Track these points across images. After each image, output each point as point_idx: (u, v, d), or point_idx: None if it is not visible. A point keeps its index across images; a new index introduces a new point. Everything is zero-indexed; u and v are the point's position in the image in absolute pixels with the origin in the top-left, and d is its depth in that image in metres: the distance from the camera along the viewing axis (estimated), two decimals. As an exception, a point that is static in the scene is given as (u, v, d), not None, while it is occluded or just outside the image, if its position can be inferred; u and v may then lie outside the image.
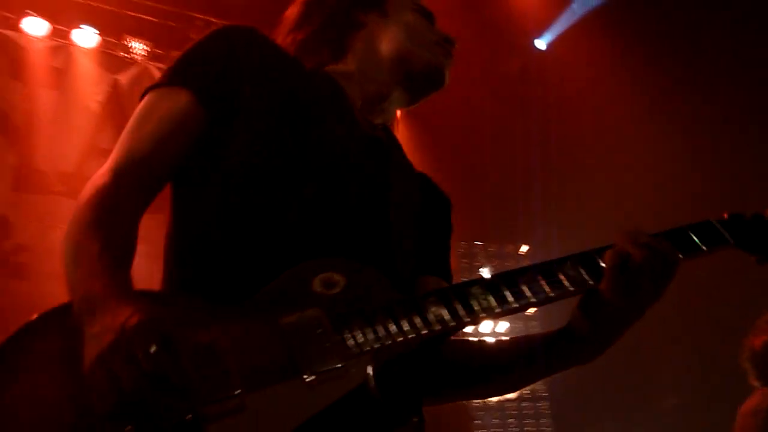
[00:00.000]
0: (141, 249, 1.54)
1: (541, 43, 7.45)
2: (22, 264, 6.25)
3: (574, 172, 7.19)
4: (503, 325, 8.22)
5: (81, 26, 6.73)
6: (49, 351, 1.36)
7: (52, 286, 5.97)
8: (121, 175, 1.51)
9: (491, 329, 7.92)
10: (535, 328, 8.17)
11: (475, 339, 1.85)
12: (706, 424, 5.96)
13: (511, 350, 1.81)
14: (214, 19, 6.84)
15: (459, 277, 6.67)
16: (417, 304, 1.50)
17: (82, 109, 6.89)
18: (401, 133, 6.85)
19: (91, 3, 6.68)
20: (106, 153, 5.58)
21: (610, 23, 7.06)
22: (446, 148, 7.81)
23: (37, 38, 6.62)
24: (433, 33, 1.93)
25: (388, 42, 1.89)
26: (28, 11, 6.43)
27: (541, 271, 1.57)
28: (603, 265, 1.56)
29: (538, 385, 8.11)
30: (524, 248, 8.10)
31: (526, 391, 7.94)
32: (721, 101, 6.69)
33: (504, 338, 1.99)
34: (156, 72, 7.06)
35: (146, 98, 1.64)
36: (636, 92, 6.80)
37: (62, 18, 6.68)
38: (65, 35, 6.75)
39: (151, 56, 7.18)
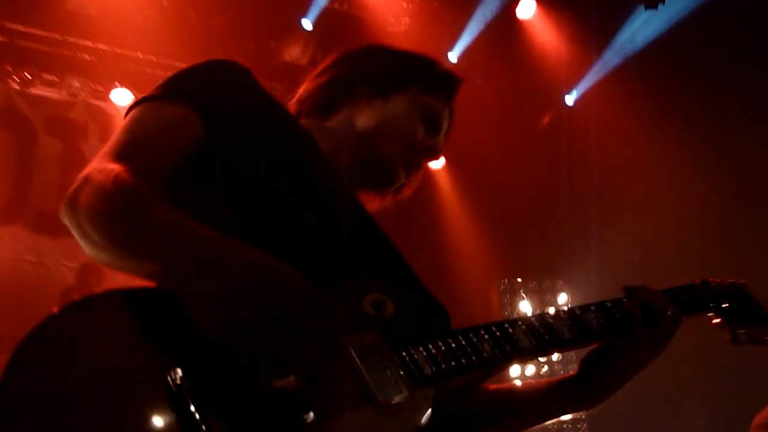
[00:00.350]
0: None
1: (570, 99, 7.56)
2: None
3: (604, 214, 7.18)
4: (531, 369, 8.17)
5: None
6: (112, 326, 1.22)
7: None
8: (131, 162, 1.42)
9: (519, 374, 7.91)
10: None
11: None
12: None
13: (522, 395, 1.84)
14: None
15: (501, 312, 6.96)
16: (473, 338, 1.47)
17: None
18: (447, 179, 7.27)
19: (167, 72, 7.15)
20: None
21: (632, 79, 6.96)
22: (488, 193, 8.03)
23: (122, 107, 6.78)
24: (415, 139, 1.88)
25: (365, 121, 1.87)
26: (115, 83, 6.87)
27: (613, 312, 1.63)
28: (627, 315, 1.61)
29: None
30: (560, 282, 8.13)
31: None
32: (741, 148, 6.64)
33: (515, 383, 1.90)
34: None
35: (140, 107, 1.58)
36: (659, 141, 6.76)
37: (144, 89, 7.16)
38: None
39: None
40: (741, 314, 1.88)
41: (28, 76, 6.76)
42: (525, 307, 7.96)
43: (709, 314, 1.85)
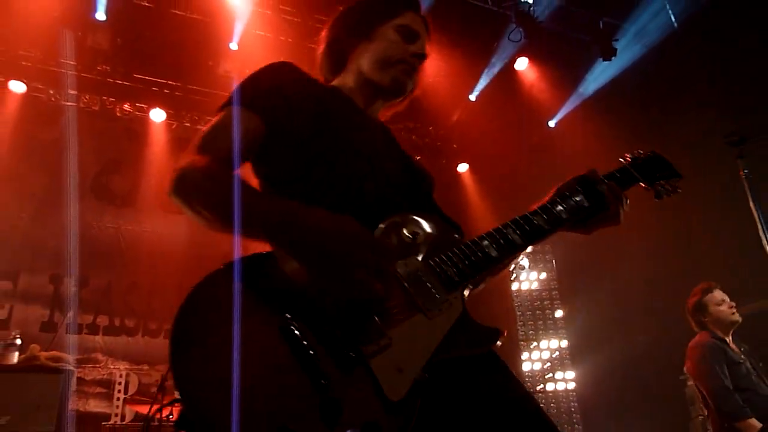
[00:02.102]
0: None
1: (552, 122, 8.07)
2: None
3: None
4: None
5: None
6: (243, 298, 1.23)
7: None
8: (221, 163, 1.44)
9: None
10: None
11: None
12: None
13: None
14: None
15: (506, 280, 7.97)
16: (482, 240, 1.49)
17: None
18: (469, 178, 8.21)
19: (197, 98, 7.56)
20: None
21: (594, 109, 7.41)
22: (497, 186, 8.58)
23: (157, 123, 7.69)
24: (404, 51, 1.79)
25: (365, 63, 1.81)
26: (154, 105, 7.51)
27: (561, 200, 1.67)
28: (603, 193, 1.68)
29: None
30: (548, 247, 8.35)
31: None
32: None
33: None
34: None
35: (220, 114, 1.58)
36: (613, 154, 7.14)
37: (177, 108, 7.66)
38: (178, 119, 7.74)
39: None
40: (658, 175, 1.89)
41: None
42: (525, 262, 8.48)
43: (640, 184, 1.88)
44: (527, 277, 8.82)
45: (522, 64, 7.59)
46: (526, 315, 8.55)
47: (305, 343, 1.18)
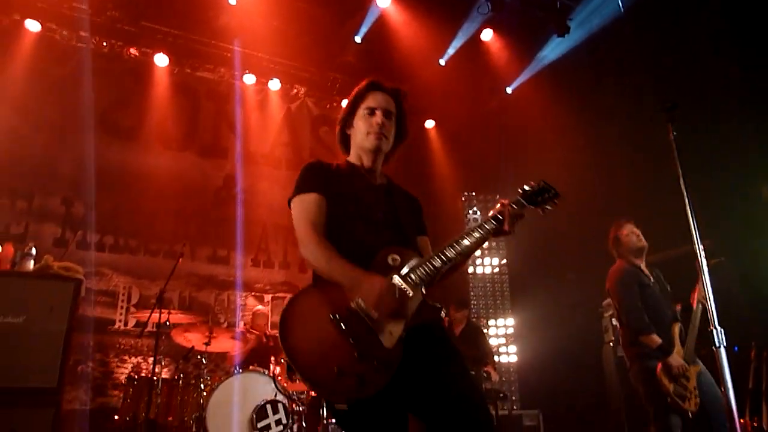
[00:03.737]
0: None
1: (509, 89, 8.03)
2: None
3: (525, 165, 7.37)
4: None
5: (272, 78, 7.90)
6: (313, 303, 1.90)
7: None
8: (314, 230, 2.03)
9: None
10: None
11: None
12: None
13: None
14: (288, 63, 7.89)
15: (463, 214, 7.97)
16: (432, 258, 1.99)
17: (273, 120, 8.13)
18: (434, 133, 8.21)
19: (276, 66, 7.78)
20: (285, 143, 7.79)
21: (554, 78, 7.33)
22: (460, 143, 8.68)
23: (249, 84, 7.92)
24: (369, 126, 2.20)
25: (356, 141, 2.28)
26: (246, 70, 7.71)
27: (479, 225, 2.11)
28: (500, 217, 2.14)
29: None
30: (497, 196, 7.55)
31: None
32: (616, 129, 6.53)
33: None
34: (310, 104, 8.35)
35: (295, 200, 2.13)
36: (559, 113, 6.98)
37: (262, 74, 7.90)
38: (264, 83, 7.97)
39: (304, 96, 8.35)
40: (540, 199, 2.30)
41: (196, 65, 7.64)
42: (476, 213, 8.41)
43: (530, 207, 2.28)
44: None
45: (487, 35, 7.54)
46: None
47: (342, 326, 1.83)
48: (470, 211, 8.50)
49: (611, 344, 5.96)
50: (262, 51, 7.60)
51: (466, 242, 2.05)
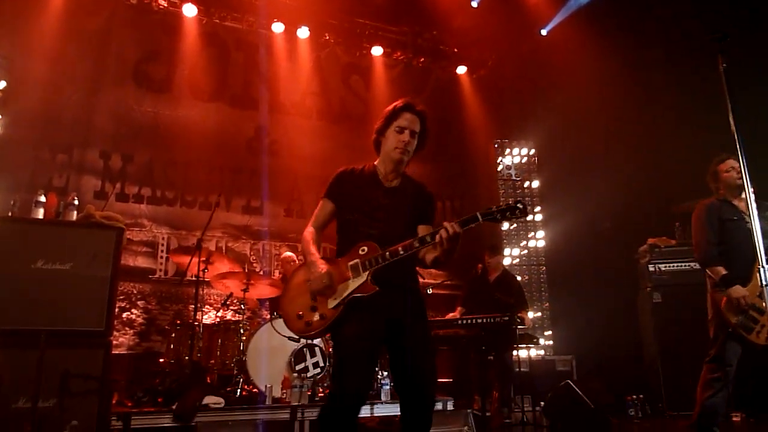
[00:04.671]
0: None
1: (544, 31, 7.88)
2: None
3: (562, 110, 7.29)
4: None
5: (300, 26, 7.82)
6: (301, 272, 2.75)
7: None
8: (313, 230, 2.78)
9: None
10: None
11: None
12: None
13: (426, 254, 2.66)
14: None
15: (495, 167, 7.89)
16: (387, 252, 2.55)
17: (303, 69, 8.03)
18: (466, 79, 8.35)
19: (304, 13, 7.67)
20: (315, 93, 7.71)
21: (591, 17, 7.14)
22: (495, 91, 8.70)
23: (277, 33, 7.83)
24: (399, 141, 2.71)
25: (385, 149, 2.79)
26: (274, 19, 7.67)
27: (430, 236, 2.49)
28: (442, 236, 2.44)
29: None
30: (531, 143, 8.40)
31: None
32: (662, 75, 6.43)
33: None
34: (339, 52, 8.25)
35: (320, 201, 2.85)
36: (595, 54, 6.73)
37: (291, 22, 7.82)
38: (293, 32, 7.88)
39: (333, 43, 8.19)
40: (509, 214, 2.48)
41: (224, 14, 7.58)
42: (508, 159, 8.49)
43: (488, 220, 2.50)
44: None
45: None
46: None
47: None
48: (502, 159, 8.48)
49: (647, 290, 5.92)
50: (290, -2, 7.49)
51: (416, 244, 2.53)
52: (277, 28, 7.77)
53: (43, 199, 4.05)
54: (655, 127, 6.66)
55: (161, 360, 5.35)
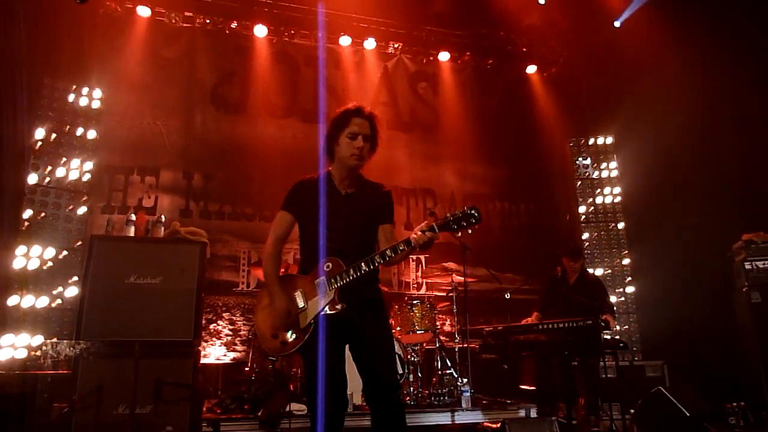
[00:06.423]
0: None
1: (617, 22, 7.47)
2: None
3: (644, 103, 6.98)
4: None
5: (367, 38, 7.98)
6: (265, 299, 2.83)
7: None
8: (274, 242, 2.83)
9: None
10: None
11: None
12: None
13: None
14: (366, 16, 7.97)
15: (571, 167, 7.84)
16: (351, 268, 2.66)
17: (371, 80, 8.18)
18: (537, 78, 8.31)
19: (370, 25, 7.85)
20: (384, 103, 7.76)
21: (665, 7, 6.81)
22: (568, 89, 8.49)
23: (344, 47, 8.03)
24: (353, 148, 2.76)
25: (338, 156, 2.82)
26: (341, 33, 7.86)
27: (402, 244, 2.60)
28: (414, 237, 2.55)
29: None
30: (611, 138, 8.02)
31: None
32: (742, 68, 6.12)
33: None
34: (406, 61, 8.26)
35: (279, 213, 2.88)
36: (669, 46, 6.54)
37: (357, 35, 7.99)
38: (360, 44, 8.04)
39: (400, 52, 8.27)
40: (465, 223, 2.54)
41: (293, 32, 7.78)
42: (586, 159, 8.10)
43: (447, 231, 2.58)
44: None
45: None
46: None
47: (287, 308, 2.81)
48: (579, 158, 8.17)
49: (744, 290, 5.55)
50: (355, 11, 7.72)
51: (378, 259, 2.61)
52: (344, 41, 7.96)
53: (133, 217, 4.35)
54: (744, 116, 6.28)
55: (246, 369, 5.55)
